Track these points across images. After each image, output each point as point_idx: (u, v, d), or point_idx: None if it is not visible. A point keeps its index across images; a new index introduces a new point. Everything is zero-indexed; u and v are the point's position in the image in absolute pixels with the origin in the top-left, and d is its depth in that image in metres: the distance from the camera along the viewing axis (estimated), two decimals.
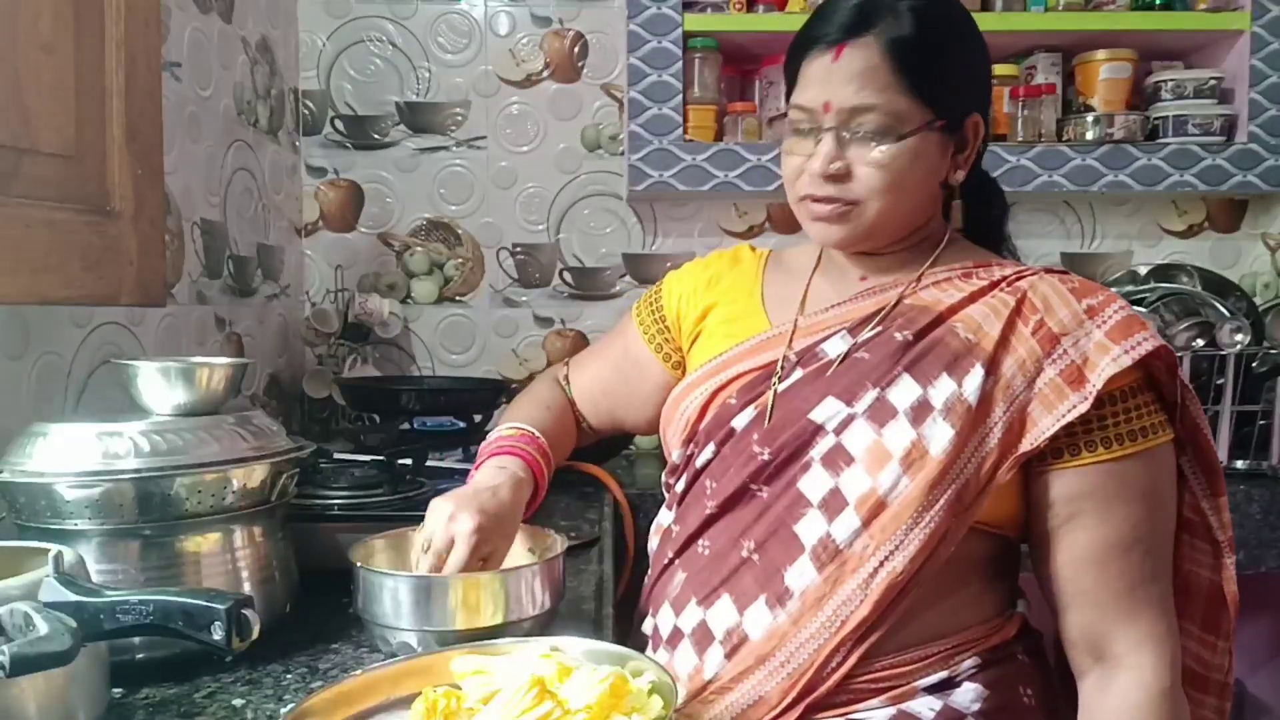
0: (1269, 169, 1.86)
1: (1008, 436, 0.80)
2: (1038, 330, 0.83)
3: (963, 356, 0.83)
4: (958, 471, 0.79)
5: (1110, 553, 0.82)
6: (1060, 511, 0.83)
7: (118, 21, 0.87)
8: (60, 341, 1.09)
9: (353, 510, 1.05)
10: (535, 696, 0.60)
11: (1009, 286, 0.87)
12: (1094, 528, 0.82)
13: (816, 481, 0.83)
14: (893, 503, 0.80)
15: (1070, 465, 0.82)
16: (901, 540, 0.79)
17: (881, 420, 0.82)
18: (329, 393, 1.89)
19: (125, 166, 0.88)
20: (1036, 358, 0.82)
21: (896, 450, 0.81)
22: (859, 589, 0.79)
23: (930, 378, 0.82)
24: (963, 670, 0.83)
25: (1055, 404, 0.80)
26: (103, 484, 0.74)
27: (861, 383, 0.84)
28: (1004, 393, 0.81)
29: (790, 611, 0.81)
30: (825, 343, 0.89)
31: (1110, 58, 1.90)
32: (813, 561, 0.81)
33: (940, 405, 0.81)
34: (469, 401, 1.69)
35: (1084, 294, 0.85)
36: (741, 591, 0.84)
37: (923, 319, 0.86)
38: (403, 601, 0.78)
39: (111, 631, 0.61)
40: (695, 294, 1.05)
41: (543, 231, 2.02)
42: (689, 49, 1.84)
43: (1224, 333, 1.58)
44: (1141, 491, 0.82)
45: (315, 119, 1.97)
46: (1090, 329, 0.82)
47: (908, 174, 0.86)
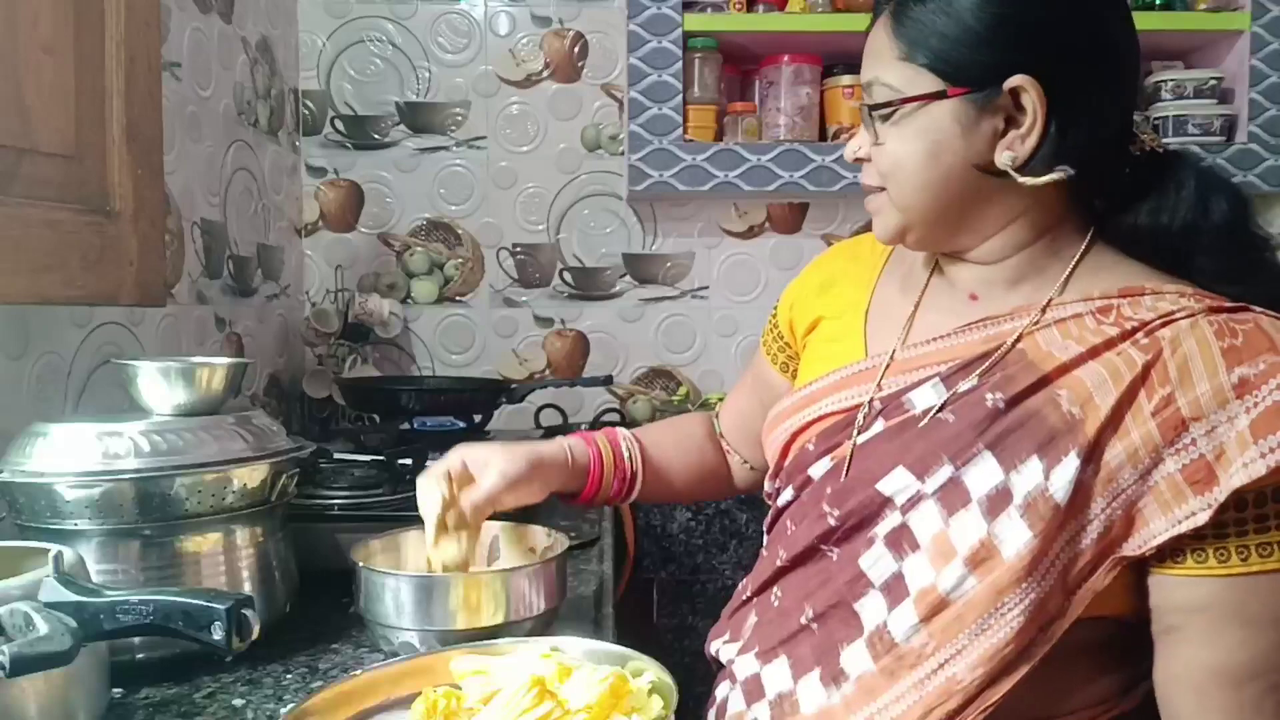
0: (1269, 169, 1.86)
1: (1108, 535, 0.66)
2: (1162, 409, 0.66)
3: (1060, 437, 0.67)
4: (1037, 578, 0.66)
5: (1214, 681, 0.66)
6: (1164, 620, 0.69)
7: (118, 21, 0.88)
8: (60, 341, 1.09)
9: (353, 510, 1.05)
10: (535, 696, 0.60)
11: (1146, 337, 0.68)
12: (1199, 647, 0.67)
13: (879, 561, 0.72)
14: (955, 603, 0.68)
15: (1179, 572, 0.67)
16: (964, 645, 0.68)
17: (952, 506, 0.69)
18: (329, 393, 1.88)
19: (125, 166, 0.88)
20: (1154, 446, 0.65)
21: (962, 546, 0.68)
22: (914, 688, 0.69)
23: (1017, 460, 0.68)
24: None
25: (1172, 506, 0.65)
26: (103, 484, 0.74)
27: (937, 454, 0.71)
28: (1105, 486, 0.66)
29: (845, 694, 0.72)
30: (915, 390, 0.75)
31: None
32: (868, 648, 0.71)
33: (1020, 498, 0.67)
34: (469, 401, 1.69)
35: (1243, 358, 0.65)
36: (798, 659, 0.76)
37: (1024, 378, 0.70)
38: (404, 601, 0.78)
39: (111, 631, 0.61)
40: (805, 301, 0.93)
41: (543, 231, 2.02)
42: (689, 49, 1.85)
43: None
44: (1275, 617, 0.66)
45: (315, 119, 1.97)
46: (1235, 412, 0.64)
47: (910, 154, 0.73)
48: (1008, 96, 0.70)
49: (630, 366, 2.03)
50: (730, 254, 2.03)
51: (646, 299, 2.03)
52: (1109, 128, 0.73)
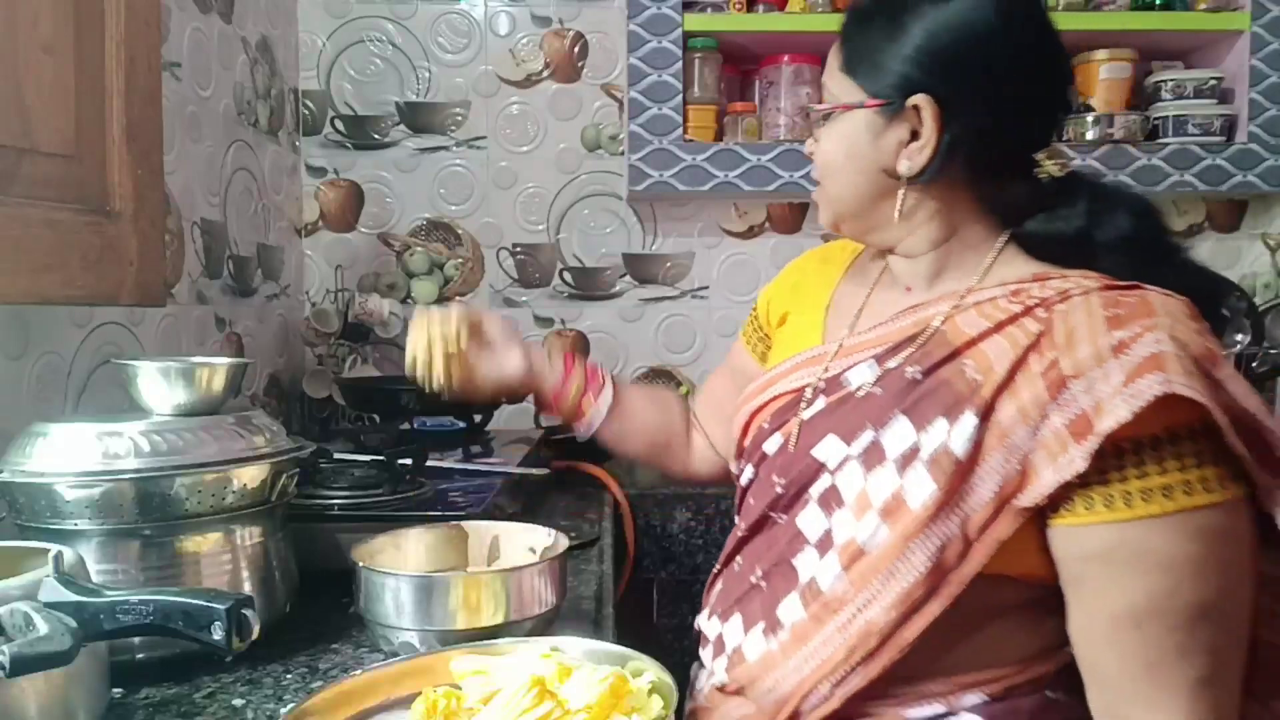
0: (1269, 169, 1.86)
1: (1006, 489, 0.72)
2: (1049, 370, 0.72)
3: (963, 400, 0.74)
4: (940, 527, 0.73)
5: (1120, 625, 0.70)
6: (1066, 572, 0.74)
7: (118, 21, 0.88)
8: (60, 341, 1.09)
9: (353, 510, 1.05)
10: (535, 696, 0.60)
11: (1045, 311, 0.75)
12: (1102, 595, 0.71)
13: (813, 520, 0.81)
14: (870, 551, 0.75)
15: (1078, 523, 0.71)
16: (878, 591, 0.75)
17: (870, 465, 0.77)
18: (329, 393, 1.88)
19: (125, 166, 0.88)
20: (1042, 403, 0.71)
21: (877, 499, 0.76)
22: (837, 632, 0.77)
23: (925, 422, 0.75)
24: (963, 705, 0.78)
25: (1057, 456, 0.70)
26: (103, 484, 0.74)
27: (863, 422, 0.79)
28: (1001, 441, 0.72)
29: (781, 641, 0.80)
30: (852, 370, 0.84)
31: (1110, 58, 1.90)
32: (800, 599, 0.80)
33: (926, 455, 0.74)
34: (469, 401, 1.69)
35: (1124, 323, 0.71)
36: (749, 615, 0.85)
37: (938, 353, 0.78)
38: (404, 601, 0.78)
39: (111, 631, 0.61)
40: (779, 298, 1.04)
41: (543, 231, 2.02)
42: (689, 49, 1.84)
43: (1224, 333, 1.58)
44: (1169, 561, 0.69)
45: (315, 119, 1.97)
46: (1111, 370, 0.69)
47: (831, 153, 0.84)
48: (911, 112, 0.79)
49: (630, 366, 2.03)
50: (730, 254, 2.03)
51: (646, 299, 2.03)
52: (1003, 149, 0.81)
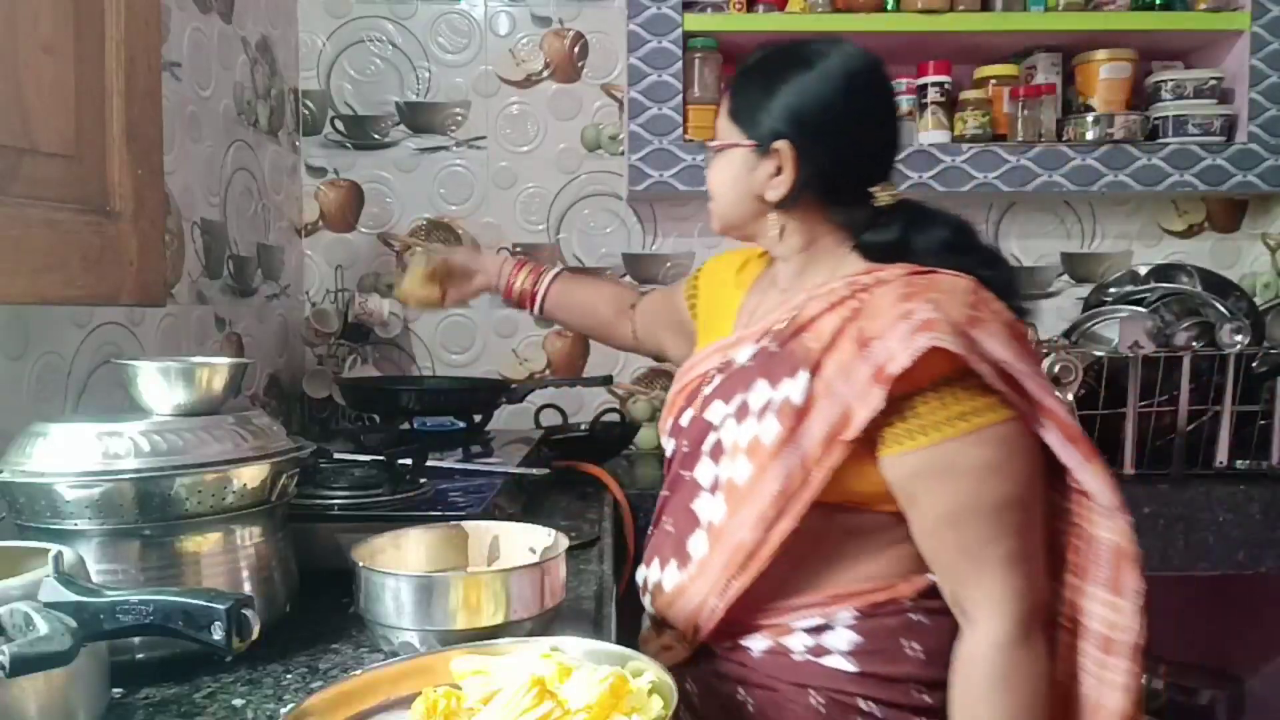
0: (1269, 169, 1.86)
1: (832, 428, 0.92)
2: (859, 336, 0.93)
3: (800, 362, 0.95)
4: (784, 459, 0.93)
5: (943, 524, 0.92)
6: (899, 492, 0.93)
7: (118, 21, 0.88)
8: (60, 341, 1.09)
9: (353, 510, 1.05)
10: (535, 696, 0.60)
11: (865, 293, 0.97)
12: (927, 504, 0.92)
13: (705, 470, 1.02)
14: (739, 484, 0.97)
15: (898, 453, 0.92)
16: (744, 515, 0.95)
17: (740, 418, 0.99)
18: (329, 393, 1.89)
19: (125, 166, 0.88)
20: (852, 358, 0.92)
21: (744, 442, 0.97)
22: (721, 553, 0.97)
23: (775, 381, 0.96)
24: (839, 618, 0.97)
25: (866, 398, 0.90)
26: (103, 484, 0.74)
27: (737, 388, 1.01)
28: (826, 390, 0.93)
29: (690, 572, 1.01)
30: (738, 352, 1.06)
31: (1110, 58, 1.90)
32: (705, 534, 1.00)
33: (776, 405, 0.95)
34: (469, 401, 1.69)
35: (911, 298, 0.92)
36: (664, 556, 1.05)
37: (790, 330, 1.00)
38: (404, 601, 0.78)
39: (111, 631, 0.61)
40: (711, 288, 1.25)
41: (543, 231, 2.02)
42: (689, 49, 1.85)
43: (1224, 333, 1.58)
44: (967, 469, 0.90)
45: (315, 119, 1.98)
46: (899, 330, 0.89)
47: (717, 180, 1.08)
48: (775, 153, 1.01)
49: (630, 366, 2.03)
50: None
51: None
52: (846, 182, 1.02)
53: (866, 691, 0.95)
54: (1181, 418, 1.59)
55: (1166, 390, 1.60)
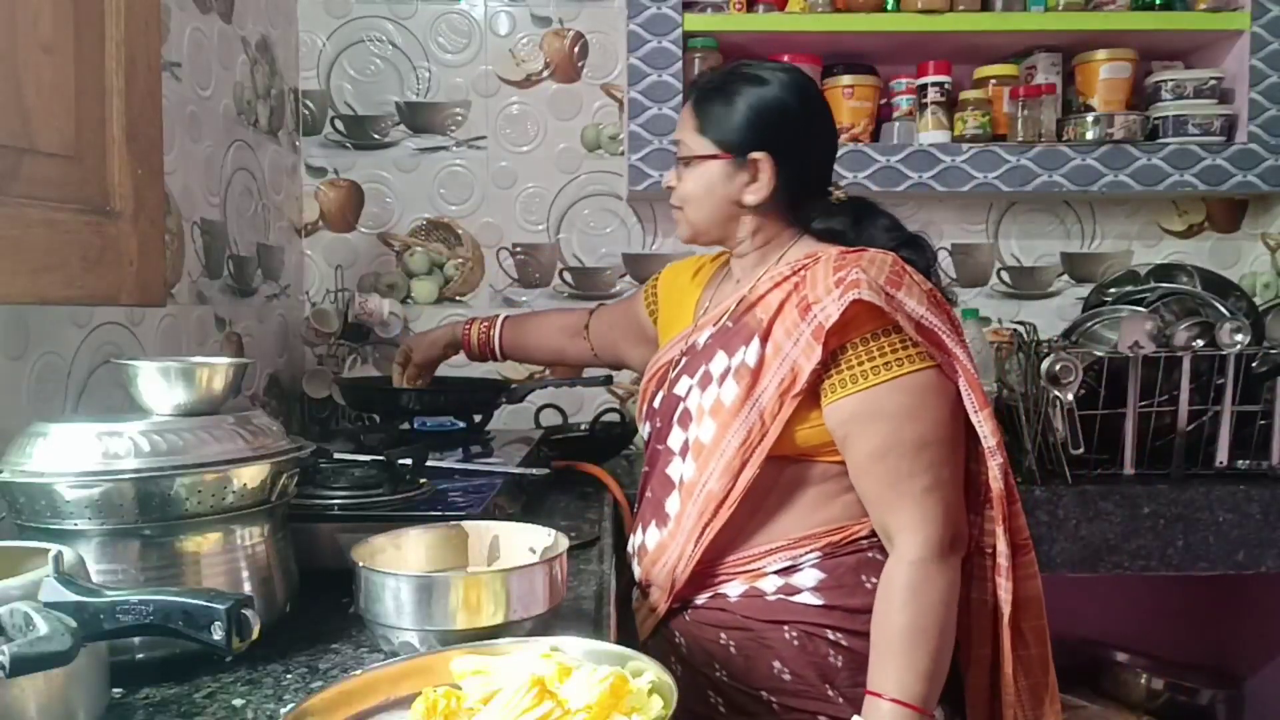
0: (1269, 169, 1.86)
1: (783, 384, 1.06)
2: (800, 302, 1.07)
3: (753, 332, 1.09)
4: (744, 416, 1.07)
5: (871, 460, 1.05)
6: (839, 435, 1.06)
7: (118, 21, 0.87)
8: (60, 341, 1.09)
9: (353, 510, 1.04)
10: (535, 696, 0.60)
11: (803, 270, 1.10)
12: (858, 444, 1.05)
13: (675, 437, 1.15)
14: (706, 442, 1.10)
15: (835, 400, 1.05)
16: (713, 469, 1.08)
17: (704, 386, 1.12)
18: (329, 393, 1.88)
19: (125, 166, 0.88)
20: (796, 324, 1.06)
21: (708, 405, 1.11)
22: (692, 506, 1.10)
23: (732, 351, 1.11)
24: (805, 559, 1.09)
25: (809, 354, 1.04)
26: (103, 484, 0.74)
27: (700, 362, 1.14)
28: (776, 352, 1.07)
29: (669, 529, 1.13)
30: (699, 336, 1.19)
31: (1110, 58, 1.90)
32: (679, 493, 1.13)
33: (733, 370, 1.09)
34: (469, 401, 1.69)
35: (841, 269, 1.05)
36: (645, 520, 1.18)
37: (743, 309, 1.14)
38: (404, 601, 0.78)
39: (111, 631, 0.61)
40: (670, 291, 1.38)
41: (543, 231, 2.02)
42: (689, 49, 1.85)
43: (1224, 333, 1.58)
44: (892, 411, 1.03)
45: (315, 119, 1.98)
46: (833, 294, 1.03)
47: (694, 190, 1.17)
48: (752, 163, 1.13)
49: None
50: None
51: None
52: (810, 183, 1.18)
53: (833, 623, 1.08)
54: (1181, 418, 1.59)
55: (1166, 390, 1.60)
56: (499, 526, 0.94)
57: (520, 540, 0.92)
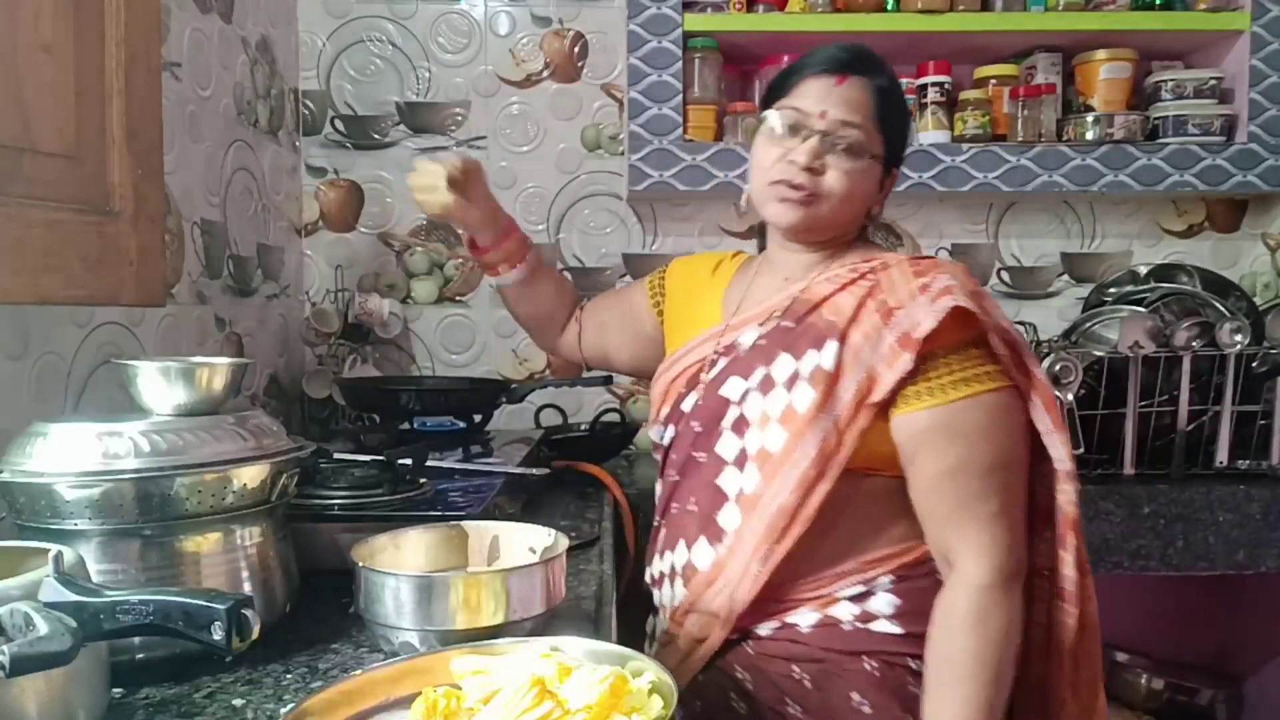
0: (1269, 169, 1.86)
1: (860, 392, 1.00)
2: (880, 306, 1.02)
3: (824, 334, 1.03)
4: (820, 424, 1.00)
5: (941, 479, 0.99)
6: (907, 449, 1.01)
7: (118, 21, 0.88)
8: (60, 341, 1.09)
9: (353, 510, 1.04)
10: (535, 696, 0.60)
11: (871, 274, 1.06)
12: (928, 460, 1.00)
13: (728, 444, 1.07)
14: (775, 452, 1.02)
15: (909, 411, 1.00)
16: (784, 480, 1.01)
17: (766, 391, 1.04)
18: (329, 393, 1.89)
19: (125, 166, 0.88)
20: (878, 328, 1.01)
21: (775, 412, 1.03)
22: (759, 520, 1.02)
23: (800, 354, 1.03)
24: (878, 584, 1.03)
25: (892, 362, 0.99)
26: (103, 484, 0.74)
27: (756, 363, 1.07)
28: (854, 358, 1.01)
29: (727, 545, 1.04)
30: (741, 335, 1.11)
31: (1110, 58, 1.90)
32: (737, 506, 1.04)
33: (806, 374, 1.02)
34: (469, 401, 1.69)
35: (922, 274, 1.02)
36: (688, 535, 1.08)
37: (802, 308, 1.07)
38: (404, 601, 0.78)
39: (111, 631, 0.61)
40: (685, 286, 1.29)
41: (543, 231, 2.02)
42: (689, 49, 1.85)
43: (1224, 333, 1.58)
44: (968, 429, 0.99)
45: (315, 119, 1.98)
46: (920, 300, 0.99)
47: (857, 189, 1.07)
48: (892, 177, 1.12)
49: None
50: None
51: None
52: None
53: (913, 650, 1.01)
54: (1181, 418, 1.59)
55: (1166, 390, 1.60)
56: (499, 526, 0.94)
57: (520, 540, 0.92)
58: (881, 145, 1.07)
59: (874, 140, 1.06)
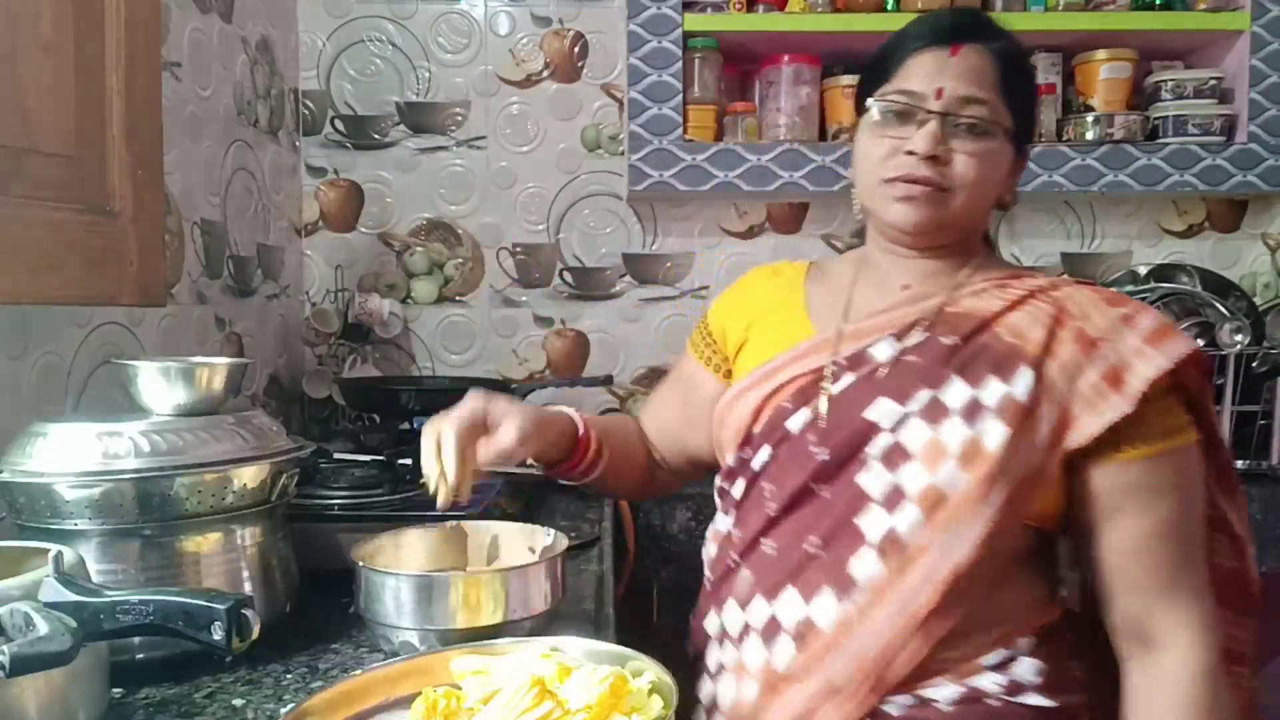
0: (1269, 169, 1.86)
1: (1053, 434, 0.84)
2: (1077, 335, 0.87)
3: (1009, 358, 0.86)
4: (1013, 467, 0.83)
5: (1150, 542, 0.85)
6: (1105, 504, 0.86)
7: (118, 21, 0.88)
8: (60, 341, 1.09)
9: (353, 510, 1.05)
10: (535, 696, 0.60)
11: (1044, 295, 0.91)
12: (1135, 519, 0.85)
13: (876, 478, 0.86)
14: (952, 497, 0.83)
15: (1112, 461, 0.85)
16: (963, 533, 0.83)
17: (935, 418, 0.86)
18: (329, 393, 1.89)
19: (125, 166, 0.88)
20: (1077, 361, 0.85)
21: (953, 446, 0.84)
22: (924, 579, 0.83)
23: (979, 379, 0.86)
24: (1021, 648, 0.87)
25: (1098, 404, 0.84)
26: (103, 484, 0.74)
27: (914, 384, 0.88)
28: (1048, 394, 0.85)
29: (858, 602, 0.84)
30: (873, 348, 0.92)
31: (1110, 58, 1.90)
32: (877, 554, 0.84)
33: (993, 405, 0.85)
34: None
35: (1116, 303, 0.89)
36: (807, 583, 0.86)
37: (966, 324, 0.90)
38: (404, 601, 0.78)
39: (111, 631, 0.61)
40: (739, 308, 1.08)
41: (543, 231, 2.02)
42: (689, 49, 1.85)
43: (1224, 333, 1.58)
44: (1174, 485, 0.86)
45: (315, 119, 1.97)
46: (1126, 335, 0.86)
47: (992, 174, 0.91)
48: (1024, 155, 0.96)
49: (630, 366, 2.03)
50: (730, 254, 2.03)
51: (646, 299, 2.03)
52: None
53: None
54: None
55: None
56: (499, 526, 0.94)
57: (520, 540, 0.92)
58: (1010, 119, 0.91)
59: (1001, 114, 0.90)
